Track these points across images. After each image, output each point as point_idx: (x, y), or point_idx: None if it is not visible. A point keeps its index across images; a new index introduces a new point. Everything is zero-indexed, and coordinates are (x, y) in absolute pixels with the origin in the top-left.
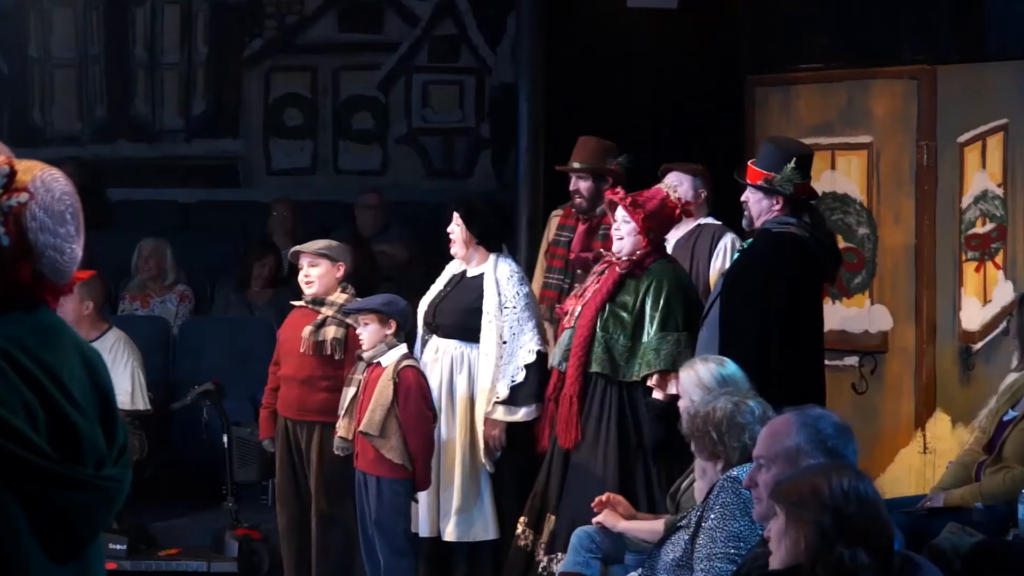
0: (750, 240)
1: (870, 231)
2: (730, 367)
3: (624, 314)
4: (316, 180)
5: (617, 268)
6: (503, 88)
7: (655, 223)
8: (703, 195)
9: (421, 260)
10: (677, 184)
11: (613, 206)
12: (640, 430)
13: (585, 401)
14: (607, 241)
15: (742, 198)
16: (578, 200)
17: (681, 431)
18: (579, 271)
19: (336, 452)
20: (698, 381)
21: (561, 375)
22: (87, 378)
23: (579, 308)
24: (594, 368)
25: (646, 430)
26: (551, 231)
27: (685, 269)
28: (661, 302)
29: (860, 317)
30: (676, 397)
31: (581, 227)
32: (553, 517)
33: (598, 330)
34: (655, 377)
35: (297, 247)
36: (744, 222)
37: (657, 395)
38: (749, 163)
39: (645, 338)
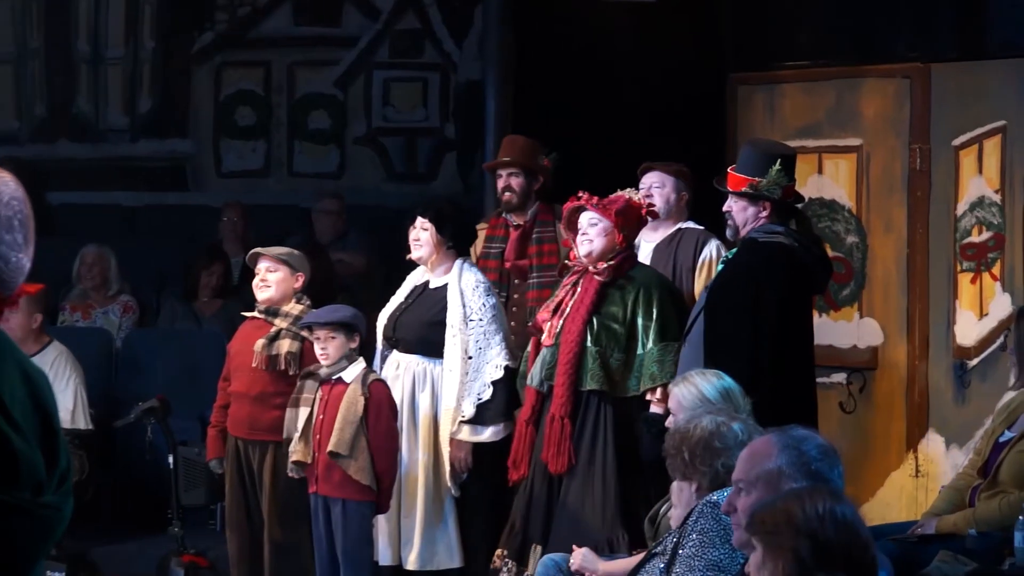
0: (734, 250)
1: (859, 240)
2: (728, 380)
3: (615, 326)
4: (269, 183)
5: (597, 277)
6: (469, 85)
7: (626, 221)
8: (685, 198)
9: (380, 269)
10: (659, 185)
11: (572, 220)
12: (637, 449)
13: (576, 422)
14: (542, 245)
15: (724, 208)
16: (508, 196)
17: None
18: (516, 280)
19: (290, 474)
20: (700, 396)
21: (541, 395)
22: (29, 399)
23: (560, 323)
24: (589, 385)
25: (644, 448)
26: (478, 247)
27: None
28: (655, 311)
29: (848, 331)
30: None
31: (514, 234)
32: (540, 547)
33: (589, 344)
34: (657, 391)
35: (258, 249)
36: (728, 232)
37: (656, 409)
38: (729, 170)
39: (640, 350)
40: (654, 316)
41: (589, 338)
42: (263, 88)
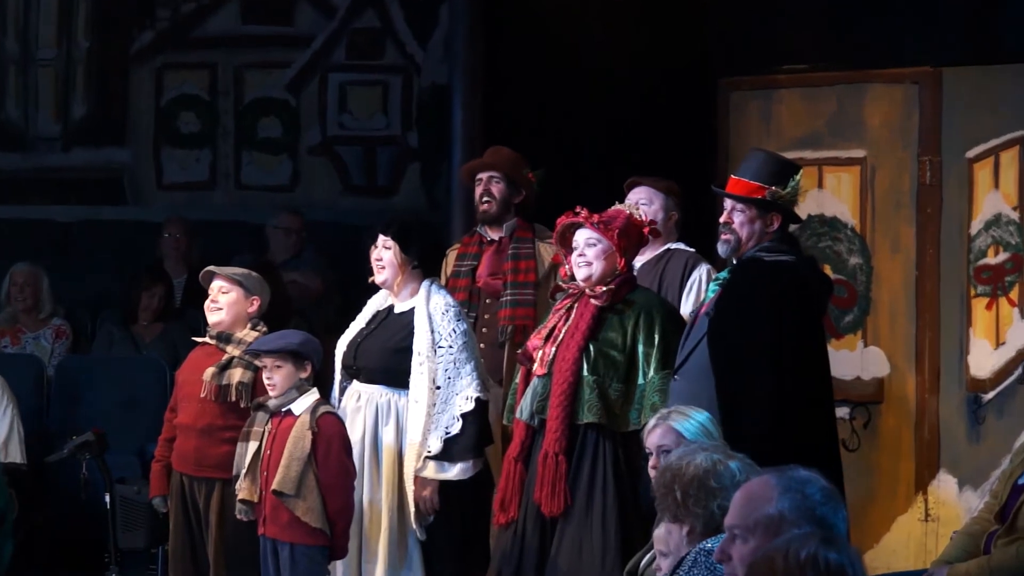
0: (729, 272)
1: (863, 261)
2: (705, 416)
3: (614, 354)
4: (215, 196)
5: (594, 301)
6: (434, 90)
7: (627, 242)
8: (675, 217)
9: (336, 291)
10: (646, 202)
11: (566, 237)
12: (638, 487)
13: (572, 459)
14: (519, 261)
15: (723, 219)
16: (486, 204)
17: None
18: (487, 300)
19: (238, 516)
20: (677, 438)
21: (532, 430)
22: None
23: (553, 351)
24: (587, 418)
25: (647, 487)
26: (449, 266)
27: None
28: (657, 338)
29: (851, 361)
30: None
31: (488, 250)
32: None
33: (586, 374)
34: None
35: (212, 267)
36: (723, 248)
37: None
38: (734, 176)
39: (641, 379)
40: (656, 343)
41: (586, 367)
42: (208, 92)
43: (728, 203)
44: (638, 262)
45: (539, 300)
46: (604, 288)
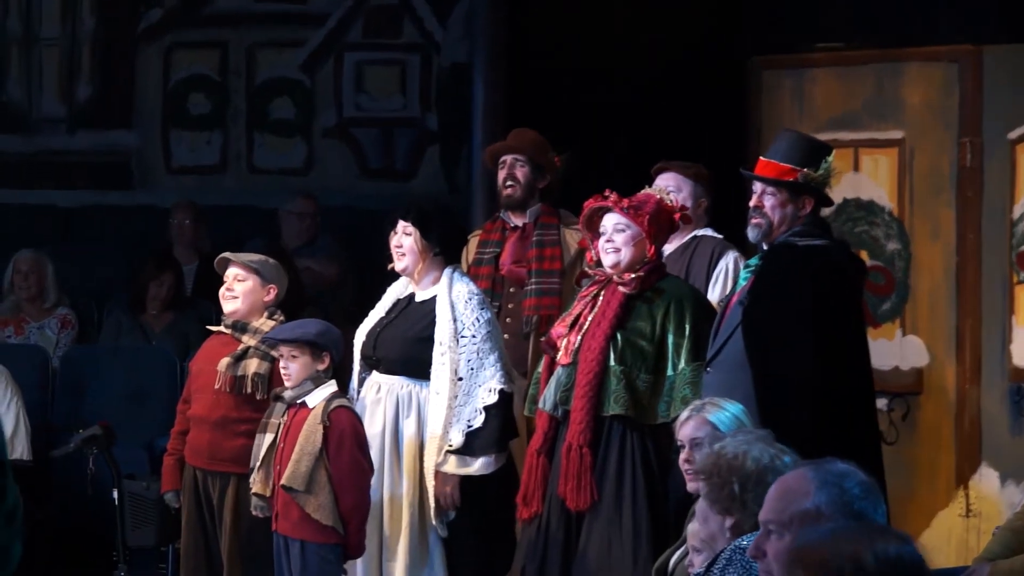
0: (760, 258)
1: (901, 247)
2: (739, 408)
3: (643, 343)
4: (226, 180)
5: (622, 289)
6: (454, 69)
7: (658, 229)
8: (704, 204)
9: (352, 279)
10: (674, 189)
11: (593, 222)
12: (667, 483)
13: (598, 452)
14: (543, 248)
15: (754, 202)
16: (510, 188)
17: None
18: (511, 289)
19: (253, 512)
20: (711, 431)
21: (555, 422)
22: None
23: (579, 339)
24: (613, 410)
25: (676, 483)
26: (471, 253)
27: None
28: (688, 327)
29: (889, 351)
30: None
31: (512, 236)
32: None
33: (612, 363)
34: None
35: (227, 254)
36: (754, 233)
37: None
38: (763, 158)
39: (671, 371)
40: (687, 333)
41: (612, 356)
42: (219, 72)
43: (758, 186)
44: (665, 250)
45: (565, 289)
46: (632, 275)
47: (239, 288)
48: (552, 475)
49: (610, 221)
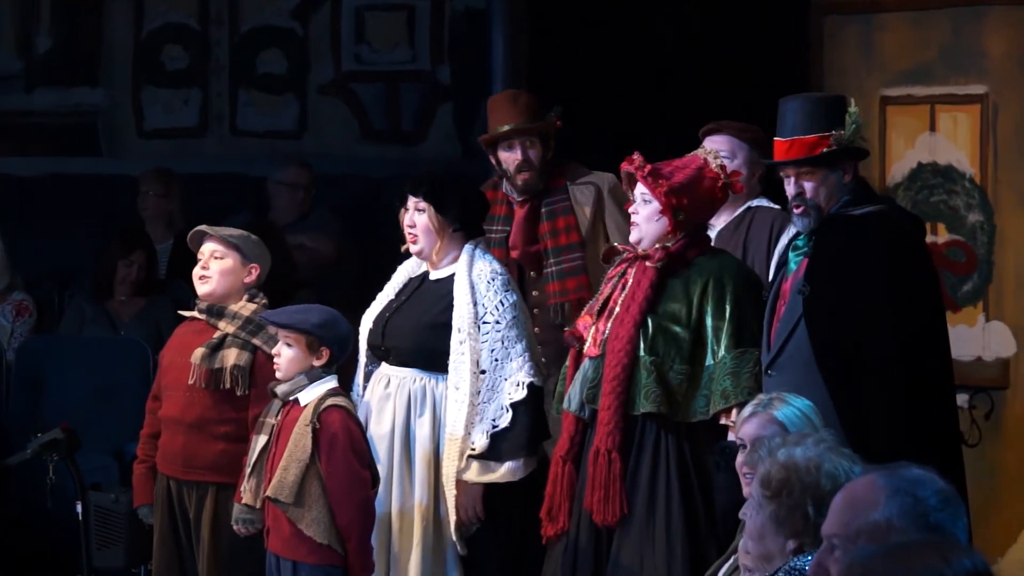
0: (811, 236)
1: (984, 218)
2: (807, 404)
3: (677, 329)
4: (206, 145)
5: (650, 265)
6: (469, 16)
7: (685, 201)
8: (759, 172)
9: (352, 258)
10: (727, 155)
11: (632, 181)
12: (709, 490)
13: (629, 457)
14: (556, 220)
15: (792, 191)
16: (525, 176)
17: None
18: (531, 274)
19: (235, 527)
20: (779, 430)
21: (581, 423)
22: None
23: (607, 328)
24: (644, 407)
25: (717, 489)
26: None
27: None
28: (728, 307)
29: (971, 339)
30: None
31: (519, 212)
32: None
33: (643, 354)
34: (733, 412)
35: (203, 227)
36: (803, 223)
37: (734, 437)
38: (781, 139)
39: (710, 360)
40: (727, 315)
41: (642, 346)
42: (198, 20)
43: (790, 171)
44: (716, 226)
45: (591, 262)
46: (660, 247)
47: (215, 267)
48: (580, 485)
49: (637, 191)
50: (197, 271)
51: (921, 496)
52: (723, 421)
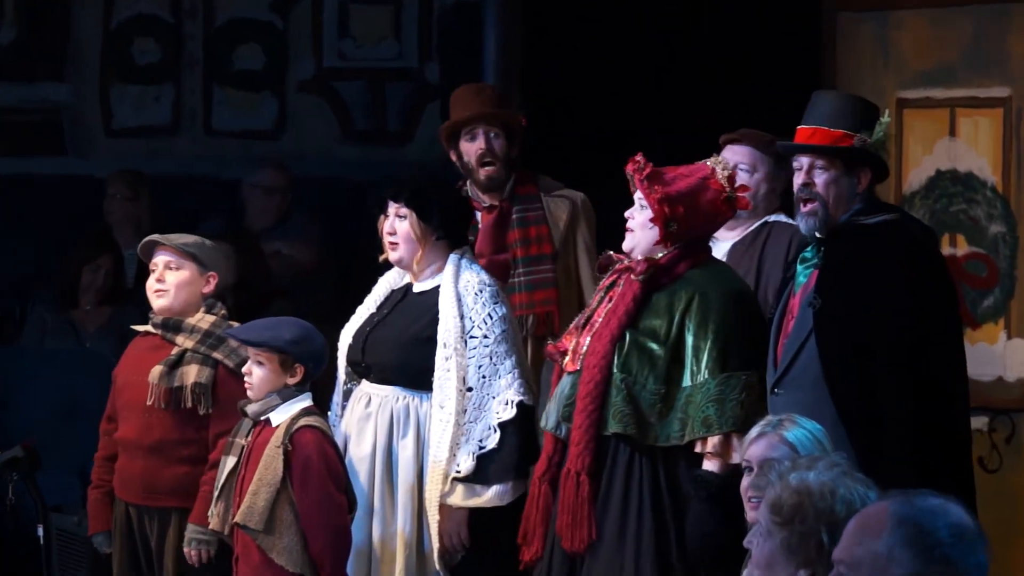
0: (818, 247)
1: (1007, 229)
2: (817, 427)
3: (653, 345)
4: (178, 144)
5: (635, 275)
6: (460, 9)
7: (681, 211)
8: (780, 186)
9: (333, 267)
10: (747, 168)
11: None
12: (683, 518)
13: (600, 480)
14: (527, 228)
15: (802, 181)
16: (489, 170)
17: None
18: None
19: (186, 549)
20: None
21: (560, 442)
22: None
23: (587, 341)
24: (612, 428)
25: (691, 520)
26: None
27: (747, 282)
28: (712, 328)
29: (991, 357)
30: (737, 468)
31: (487, 218)
32: None
33: (616, 371)
34: (714, 441)
35: (154, 236)
36: (808, 222)
37: (710, 465)
38: (804, 126)
39: (687, 381)
40: (710, 335)
41: (617, 362)
42: (171, 12)
43: (804, 161)
44: (728, 239)
45: (561, 276)
46: (645, 259)
47: (171, 279)
48: (556, 508)
49: (637, 193)
50: (152, 284)
51: (929, 528)
52: (698, 449)
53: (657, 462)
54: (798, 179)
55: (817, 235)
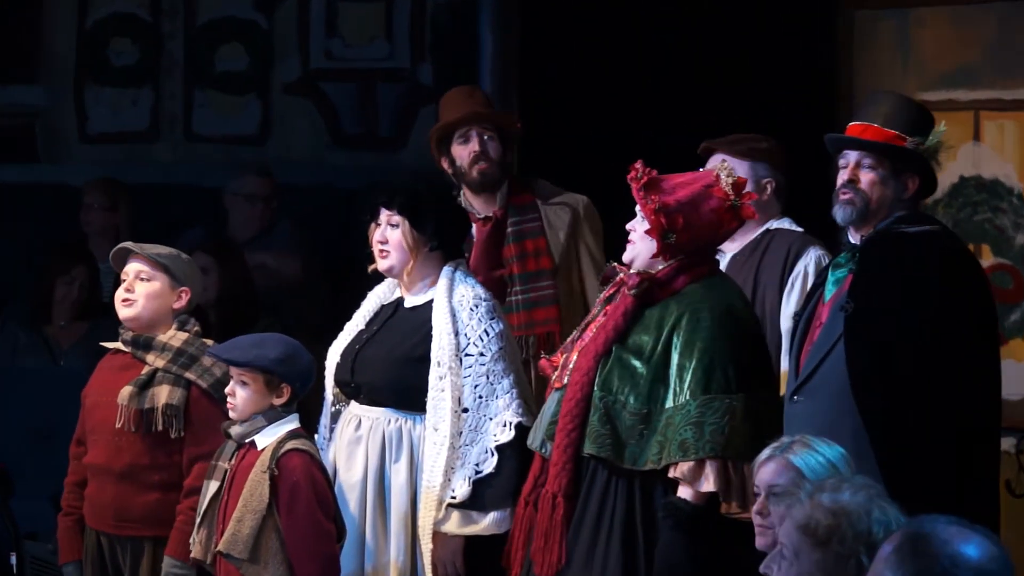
0: (852, 252)
1: None
2: (836, 452)
3: (636, 363)
4: (157, 151)
5: (627, 289)
6: (454, 8)
7: (680, 222)
8: (771, 187)
9: (320, 280)
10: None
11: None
12: (653, 546)
13: (576, 503)
14: (524, 242)
15: (847, 176)
16: (483, 166)
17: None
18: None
19: None
20: (795, 477)
21: (546, 462)
22: None
23: (575, 357)
24: (587, 449)
25: (658, 549)
26: None
27: (745, 294)
28: (700, 345)
29: (1018, 376)
30: (713, 498)
31: (481, 231)
32: None
33: (596, 388)
34: (683, 467)
35: (127, 244)
36: (844, 213)
37: (684, 493)
38: (857, 123)
39: (670, 402)
40: (696, 354)
41: (598, 379)
42: (149, 10)
43: (851, 157)
44: (730, 251)
45: (563, 292)
46: (638, 272)
47: (141, 289)
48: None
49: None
50: (120, 294)
51: (946, 557)
52: (672, 474)
53: (634, 486)
54: (843, 176)
55: (853, 239)
